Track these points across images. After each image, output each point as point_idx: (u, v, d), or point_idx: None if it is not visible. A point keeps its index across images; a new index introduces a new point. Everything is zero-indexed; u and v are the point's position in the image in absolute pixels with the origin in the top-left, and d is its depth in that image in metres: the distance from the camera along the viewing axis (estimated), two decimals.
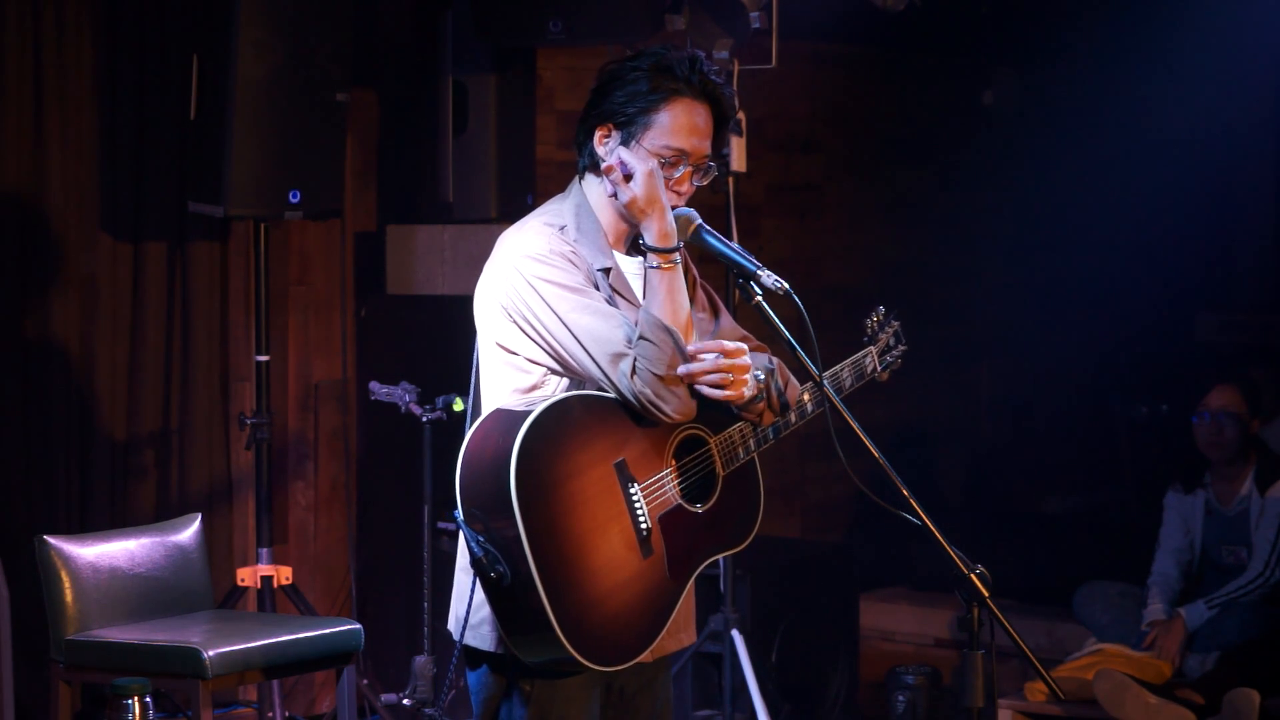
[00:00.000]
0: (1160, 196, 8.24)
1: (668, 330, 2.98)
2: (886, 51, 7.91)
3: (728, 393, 3.01)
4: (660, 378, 2.96)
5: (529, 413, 2.92)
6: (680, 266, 3.05)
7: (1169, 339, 8.27)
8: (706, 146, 3.11)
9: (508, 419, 2.95)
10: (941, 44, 7.86)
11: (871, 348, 3.50)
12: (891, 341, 3.56)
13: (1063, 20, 8.07)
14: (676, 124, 3.07)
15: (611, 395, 3.01)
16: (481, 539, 2.91)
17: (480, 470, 2.95)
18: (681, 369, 2.97)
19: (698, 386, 3.00)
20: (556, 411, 2.95)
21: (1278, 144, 8.50)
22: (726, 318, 3.27)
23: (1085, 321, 8.40)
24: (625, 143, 3.08)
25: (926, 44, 7.78)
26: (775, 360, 3.18)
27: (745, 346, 3.06)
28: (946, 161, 8.36)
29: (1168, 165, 8.17)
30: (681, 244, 3.06)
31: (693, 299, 3.23)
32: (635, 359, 2.97)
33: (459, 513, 2.97)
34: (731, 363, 3.00)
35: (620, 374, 2.97)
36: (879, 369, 3.50)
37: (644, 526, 3.01)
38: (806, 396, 3.23)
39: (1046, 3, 7.96)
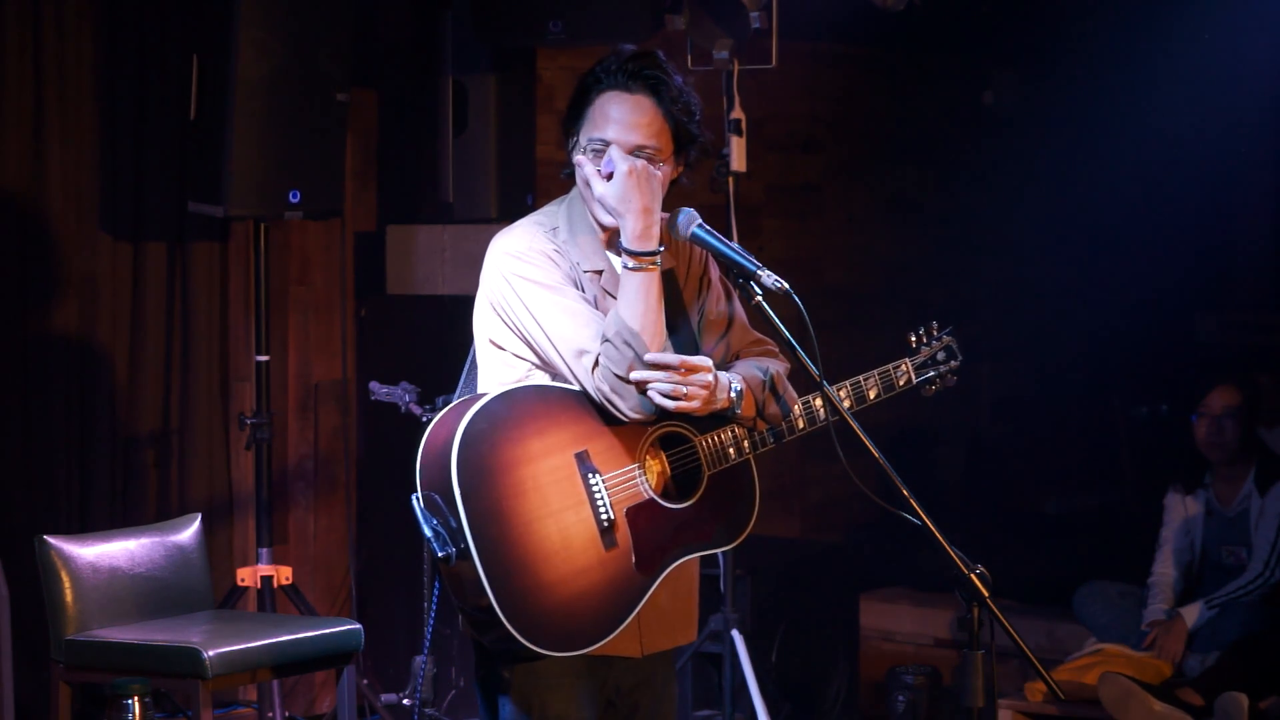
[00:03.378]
0: (1160, 196, 8.23)
1: (633, 335, 3.00)
2: (886, 51, 7.91)
3: (679, 404, 3.03)
4: (619, 378, 3.00)
5: (481, 398, 3.00)
6: (658, 270, 3.06)
7: (1169, 339, 8.26)
8: (639, 136, 3.10)
9: (462, 406, 3.03)
10: (941, 44, 7.85)
11: (905, 360, 3.46)
12: (941, 355, 3.50)
13: (1063, 20, 8.07)
14: (599, 114, 3.11)
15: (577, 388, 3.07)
16: (435, 521, 2.98)
17: (433, 453, 3.02)
18: (634, 374, 3.00)
19: (650, 394, 3.02)
20: (509, 399, 3.02)
21: (1277, 144, 8.49)
22: (739, 318, 3.27)
23: (1085, 321, 8.40)
24: (573, 148, 3.14)
25: (926, 44, 7.78)
26: (775, 371, 3.18)
27: (709, 363, 3.07)
28: (946, 161, 8.36)
29: (1168, 165, 8.16)
30: (662, 248, 3.07)
31: (705, 297, 3.25)
32: (598, 357, 3.01)
33: (416, 496, 3.04)
34: (688, 378, 3.02)
35: (583, 369, 3.03)
36: (914, 381, 3.46)
37: (605, 517, 3.03)
38: (818, 402, 3.23)
39: (1046, 3, 7.95)
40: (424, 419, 5.45)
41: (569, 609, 3.01)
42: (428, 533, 2.97)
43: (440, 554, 2.96)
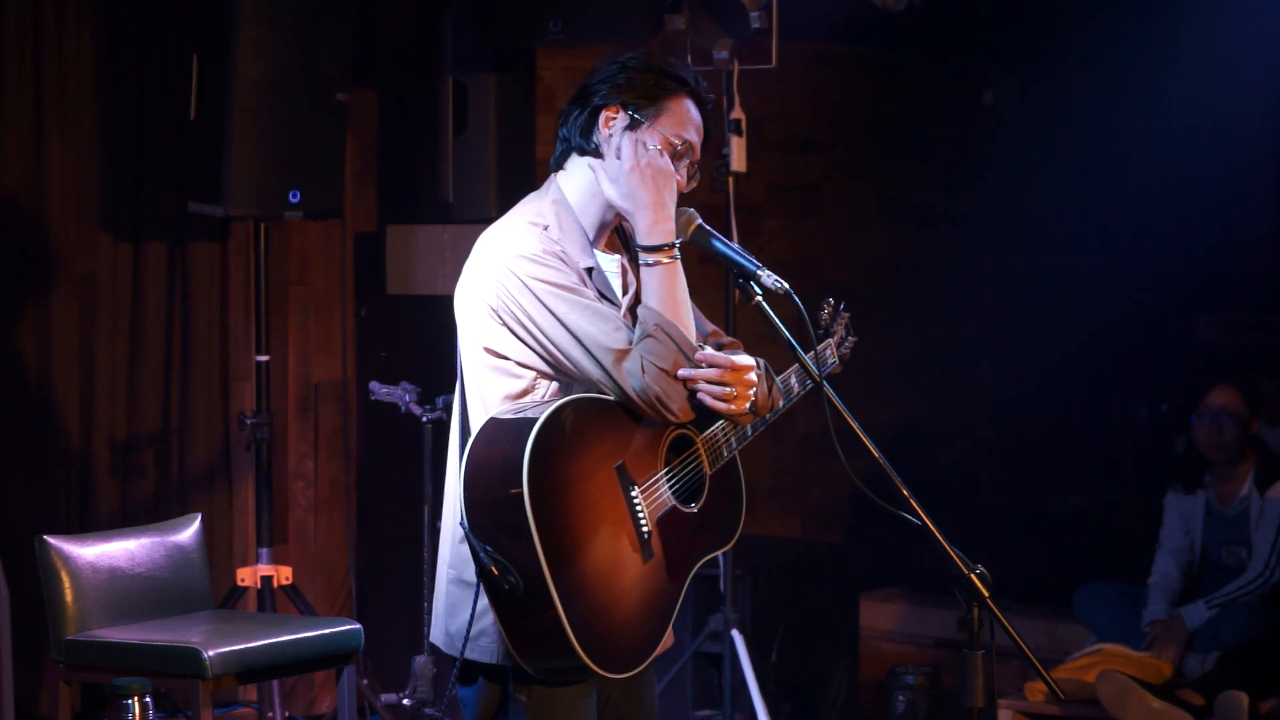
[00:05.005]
0: (1160, 196, 8.24)
1: (672, 326, 2.96)
2: (886, 51, 7.91)
3: (729, 406, 3.00)
4: (666, 372, 2.94)
5: (534, 419, 2.88)
6: (679, 262, 3.02)
7: (1169, 339, 8.27)
8: (699, 149, 3.13)
9: (511, 427, 2.92)
10: (941, 44, 7.85)
11: (829, 340, 3.47)
12: (844, 334, 3.52)
13: (1063, 20, 8.07)
14: (687, 116, 3.08)
15: (607, 397, 2.98)
16: (490, 549, 2.88)
17: (488, 480, 2.91)
18: (683, 372, 2.96)
19: (700, 396, 2.98)
20: (559, 416, 2.91)
21: (1278, 144, 8.50)
22: (696, 309, 3.23)
23: (1085, 321, 8.40)
24: (635, 125, 3.05)
25: (926, 44, 7.78)
26: (763, 362, 3.17)
27: (754, 362, 3.04)
28: (946, 161, 8.36)
29: (1168, 165, 8.17)
30: (679, 240, 3.03)
31: None
32: (641, 356, 2.94)
33: (465, 524, 2.94)
34: (737, 377, 2.99)
35: (627, 373, 2.94)
36: (837, 361, 3.48)
37: (645, 530, 2.98)
38: (776, 392, 3.22)
39: (1046, 3, 7.95)
40: (424, 419, 5.46)
41: (625, 627, 2.96)
42: (486, 562, 2.87)
43: (505, 585, 2.86)
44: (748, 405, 3.03)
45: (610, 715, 3.15)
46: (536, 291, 2.98)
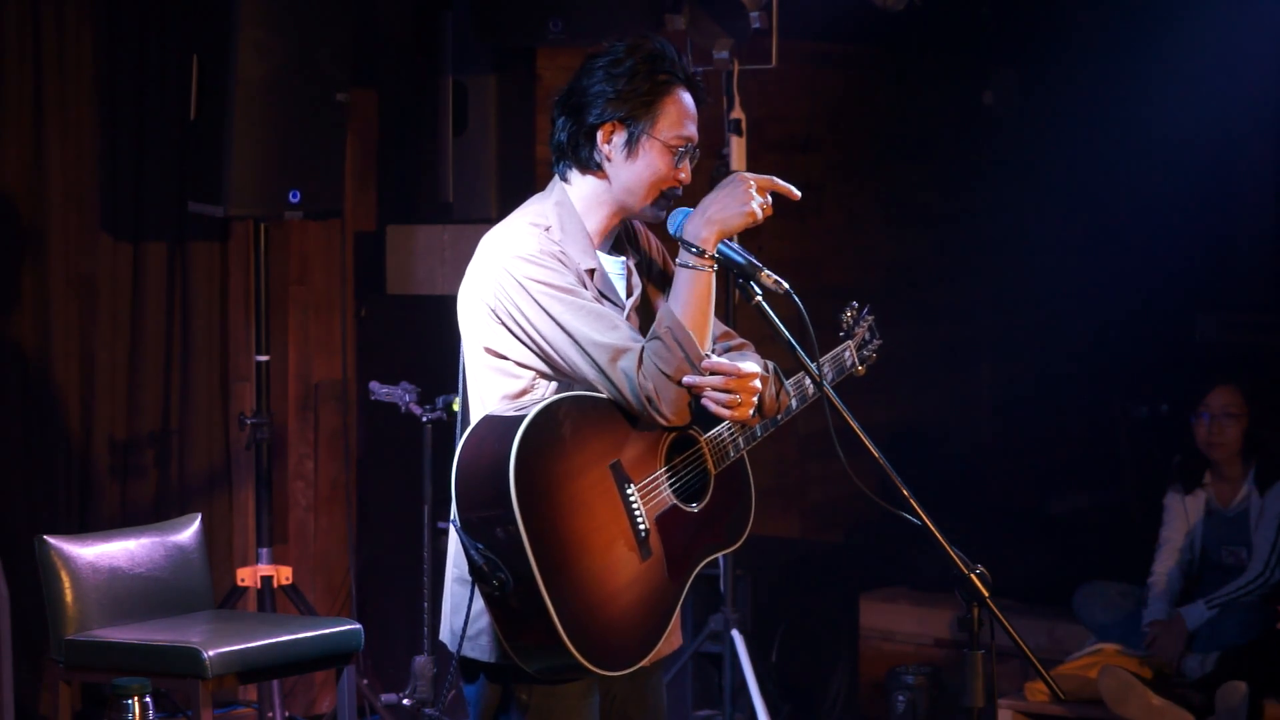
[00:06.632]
0: (1160, 196, 8.24)
1: (685, 334, 2.95)
2: (886, 51, 7.90)
3: (733, 413, 3.00)
4: (667, 376, 2.94)
5: (523, 416, 2.88)
6: (714, 276, 3.01)
7: (1169, 339, 8.26)
8: (696, 133, 3.12)
9: (501, 424, 2.92)
10: (941, 44, 7.85)
11: (849, 342, 3.47)
12: (867, 336, 3.52)
13: (1063, 20, 8.07)
14: (680, 113, 3.07)
15: (603, 396, 2.98)
16: (481, 546, 2.88)
17: (477, 477, 2.92)
18: (688, 379, 2.95)
19: (704, 402, 2.98)
20: (550, 414, 2.91)
21: (1277, 144, 8.50)
22: None
23: (1085, 322, 8.40)
24: (635, 138, 3.04)
25: (926, 44, 7.77)
26: (771, 364, 3.17)
27: (758, 369, 3.04)
28: (946, 161, 8.35)
29: (1168, 165, 8.17)
30: (716, 254, 3.01)
31: (662, 278, 3.21)
32: (643, 354, 2.94)
33: (456, 521, 2.94)
34: (742, 384, 2.99)
35: (622, 370, 2.94)
36: (856, 363, 3.48)
37: (642, 528, 2.98)
38: (792, 393, 3.22)
39: (1046, 3, 7.96)
40: (424, 419, 5.46)
41: (620, 625, 2.96)
42: (477, 560, 2.87)
43: (494, 581, 2.86)
44: (751, 411, 3.02)
45: (616, 716, 3.16)
46: (532, 291, 2.99)
